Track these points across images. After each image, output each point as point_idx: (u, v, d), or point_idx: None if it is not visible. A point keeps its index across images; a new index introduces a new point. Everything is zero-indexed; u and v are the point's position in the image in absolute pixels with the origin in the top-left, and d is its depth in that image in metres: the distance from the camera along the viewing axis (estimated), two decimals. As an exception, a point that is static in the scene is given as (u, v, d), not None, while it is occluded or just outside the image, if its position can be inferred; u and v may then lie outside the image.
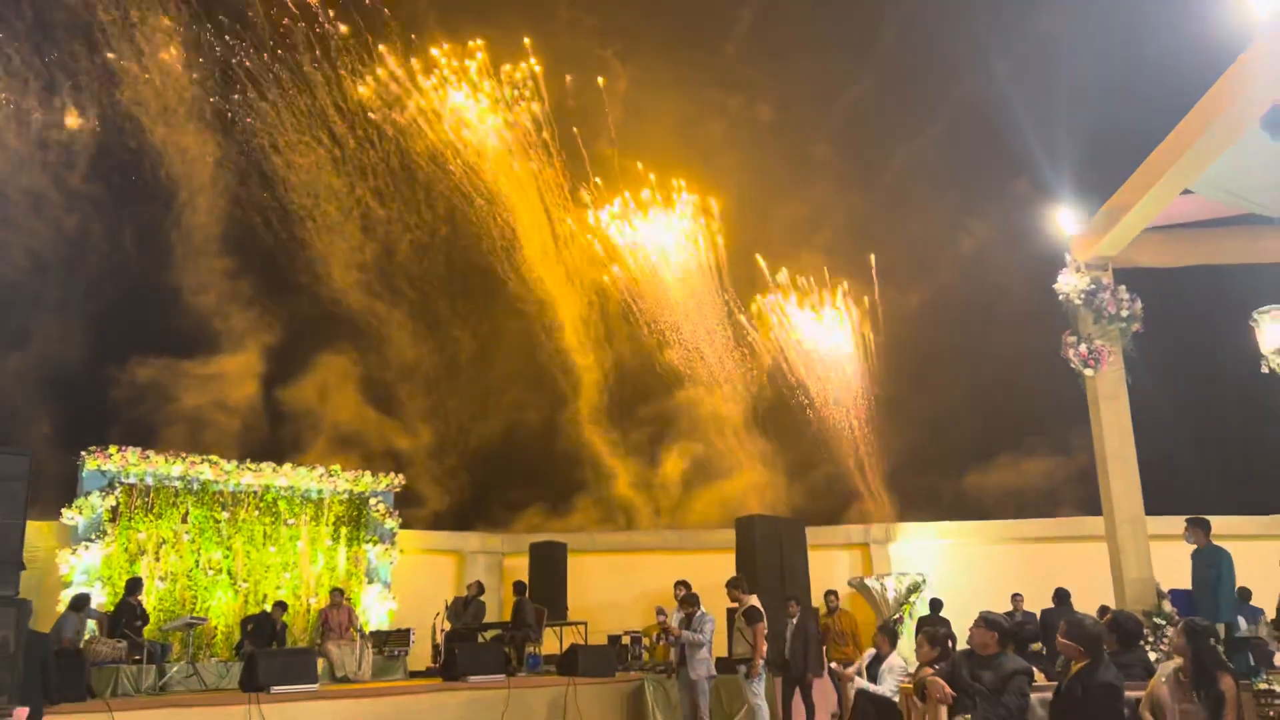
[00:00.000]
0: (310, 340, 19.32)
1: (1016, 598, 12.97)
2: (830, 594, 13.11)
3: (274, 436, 17.60)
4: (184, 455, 12.49)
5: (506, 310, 21.26)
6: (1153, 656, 8.28)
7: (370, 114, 20.23)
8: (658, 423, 20.92)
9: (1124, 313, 10.31)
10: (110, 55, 18.31)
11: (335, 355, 19.52)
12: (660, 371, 20.93)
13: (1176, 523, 9.51)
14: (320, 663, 10.99)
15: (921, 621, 11.41)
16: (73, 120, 18.03)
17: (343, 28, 19.82)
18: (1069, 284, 10.57)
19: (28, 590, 9.11)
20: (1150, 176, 9.06)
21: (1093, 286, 10.41)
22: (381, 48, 19.98)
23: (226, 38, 19.13)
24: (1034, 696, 5.81)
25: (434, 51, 20.39)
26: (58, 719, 8.11)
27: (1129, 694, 5.50)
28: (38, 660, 7.95)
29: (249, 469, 13.03)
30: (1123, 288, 10.42)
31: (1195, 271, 10.97)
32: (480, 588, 13.51)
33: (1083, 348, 10.36)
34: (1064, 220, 10.84)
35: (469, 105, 20.65)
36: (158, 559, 12.30)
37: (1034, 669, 5.97)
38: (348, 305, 19.99)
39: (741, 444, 20.26)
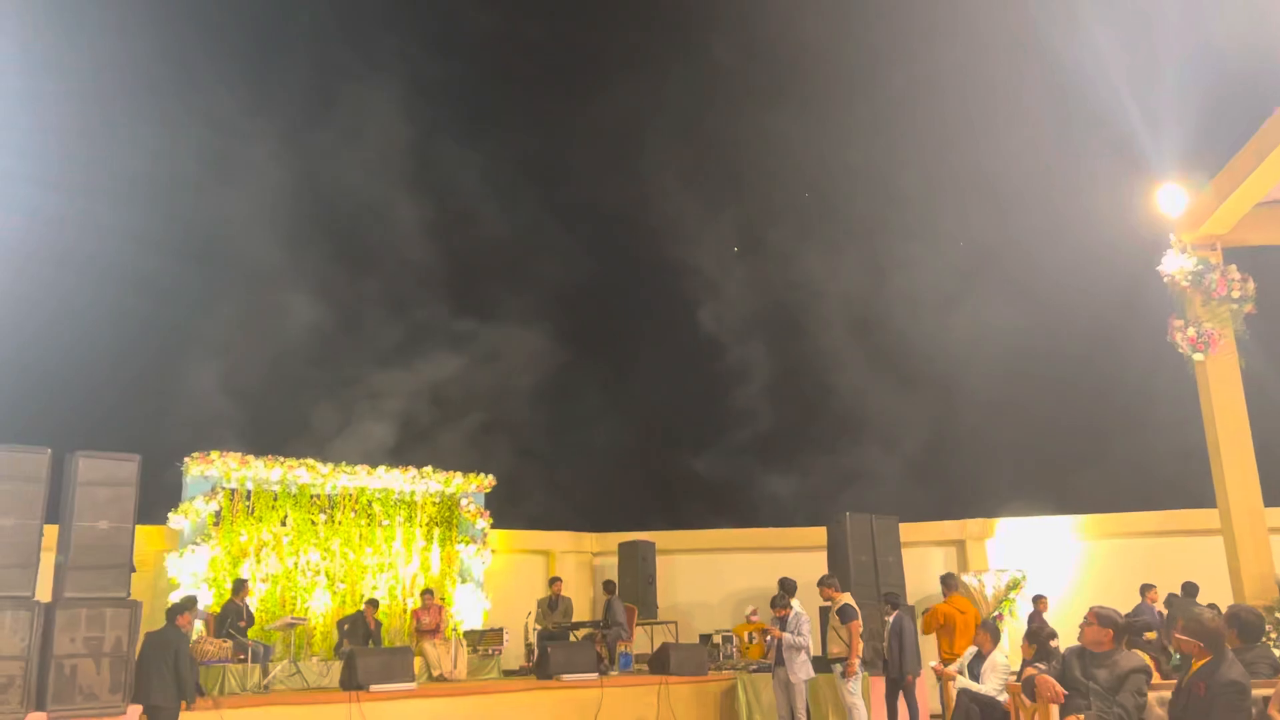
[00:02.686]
0: (488, 357, 19.59)
1: (1148, 588, 12.06)
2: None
3: (417, 436, 17.62)
4: (282, 459, 12.81)
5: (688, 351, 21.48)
6: (1277, 654, 7.86)
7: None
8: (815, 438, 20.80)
9: (1235, 293, 9.87)
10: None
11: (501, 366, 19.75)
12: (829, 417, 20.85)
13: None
14: (416, 661, 11.17)
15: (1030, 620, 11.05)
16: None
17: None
18: (1174, 265, 10.14)
19: (139, 593, 9.49)
20: (1263, 148, 8.60)
21: (1200, 267, 9.98)
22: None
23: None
24: (1152, 695, 5.55)
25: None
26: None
27: (1256, 692, 5.22)
28: (169, 660, 8.30)
29: (344, 470, 13.31)
30: (1233, 267, 9.96)
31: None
32: (557, 583, 13.56)
33: (1191, 332, 9.93)
34: (1166, 198, 10.38)
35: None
36: (259, 561, 12.65)
37: (1151, 667, 5.71)
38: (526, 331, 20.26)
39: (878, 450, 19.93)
